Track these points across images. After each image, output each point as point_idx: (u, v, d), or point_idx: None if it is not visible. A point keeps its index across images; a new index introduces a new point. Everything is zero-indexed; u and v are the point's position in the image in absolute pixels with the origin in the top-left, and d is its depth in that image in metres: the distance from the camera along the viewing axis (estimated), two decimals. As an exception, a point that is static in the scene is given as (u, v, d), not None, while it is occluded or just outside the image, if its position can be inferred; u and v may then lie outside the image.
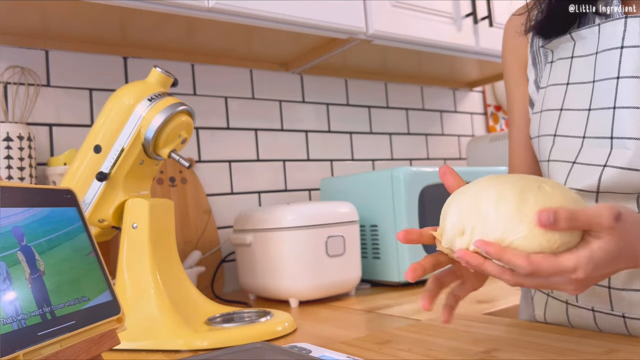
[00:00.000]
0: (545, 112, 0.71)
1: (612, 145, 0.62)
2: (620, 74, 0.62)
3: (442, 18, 1.35)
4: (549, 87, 0.71)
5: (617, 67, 0.63)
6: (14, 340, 0.40)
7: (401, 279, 1.16)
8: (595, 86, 0.65)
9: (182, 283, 0.88)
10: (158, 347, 0.76)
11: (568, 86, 0.68)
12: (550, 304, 0.74)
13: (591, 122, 0.64)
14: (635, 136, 0.60)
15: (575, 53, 0.68)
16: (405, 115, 1.73)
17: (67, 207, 0.53)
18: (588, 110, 0.65)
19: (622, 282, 0.64)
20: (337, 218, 1.07)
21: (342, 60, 1.44)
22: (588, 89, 0.66)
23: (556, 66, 0.71)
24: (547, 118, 0.70)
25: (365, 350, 0.66)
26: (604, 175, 0.62)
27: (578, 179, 0.65)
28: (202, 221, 1.28)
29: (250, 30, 1.16)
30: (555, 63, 0.71)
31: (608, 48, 0.64)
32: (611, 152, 0.62)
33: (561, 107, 0.69)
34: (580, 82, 0.67)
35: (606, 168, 0.62)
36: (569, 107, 0.67)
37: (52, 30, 1.10)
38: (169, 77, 0.85)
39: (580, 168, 0.65)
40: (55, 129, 1.15)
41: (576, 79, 0.67)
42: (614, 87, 0.62)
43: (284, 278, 1.03)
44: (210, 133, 1.34)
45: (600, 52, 0.65)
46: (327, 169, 1.54)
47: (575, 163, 0.66)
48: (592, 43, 0.66)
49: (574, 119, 0.66)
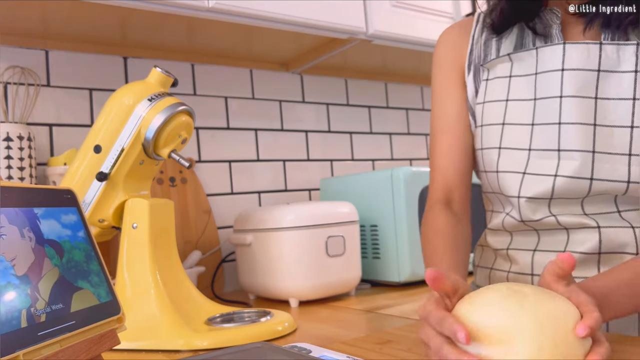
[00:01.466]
0: (486, 127, 0.76)
1: (559, 157, 0.69)
2: (563, 94, 0.69)
3: (442, 18, 1.35)
4: (487, 103, 0.77)
5: (559, 87, 0.69)
6: (14, 340, 0.40)
7: (401, 279, 1.16)
8: (537, 103, 0.72)
9: (182, 283, 0.88)
10: (158, 347, 0.76)
11: (508, 102, 0.74)
12: None
13: (536, 136, 0.71)
14: (580, 148, 0.68)
15: (513, 72, 0.75)
16: (405, 115, 1.73)
17: (67, 207, 0.53)
18: (532, 125, 0.72)
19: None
20: (337, 218, 1.07)
21: (342, 60, 1.44)
22: (529, 106, 0.72)
23: (493, 84, 0.76)
24: (489, 132, 0.76)
25: (365, 350, 0.66)
26: (556, 183, 0.69)
27: (530, 188, 0.71)
28: (202, 221, 1.28)
29: (250, 30, 1.16)
30: (491, 81, 0.77)
31: (548, 70, 0.71)
32: (559, 162, 0.69)
33: (503, 122, 0.74)
34: (521, 99, 0.73)
35: (557, 177, 0.69)
36: (512, 122, 0.73)
37: (52, 30, 1.10)
38: (169, 77, 0.85)
39: (531, 178, 0.72)
40: (55, 129, 1.15)
41: (516, 96, 0.74)
42: (558, 105, 0.69)
43: (284, 278, 1.03)
44: (210, 133, 1.34)
45: (540, 73, 0.72)
46: (327, 169, 1.54)
47: (525, 173, 0.72)
48: (530, 65, 0.73)
49: (518, 133, 0.73)
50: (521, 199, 0.73)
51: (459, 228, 0.76)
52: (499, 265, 0.81)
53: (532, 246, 0.76)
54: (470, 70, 0.80)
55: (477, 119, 0.78)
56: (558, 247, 0.73)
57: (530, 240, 0.76)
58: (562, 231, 0.72)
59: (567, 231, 0.72)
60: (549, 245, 0.74)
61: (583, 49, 0.69)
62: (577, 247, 0.71)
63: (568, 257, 0.51)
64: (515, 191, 0.73)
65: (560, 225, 0.72)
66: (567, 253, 0.51)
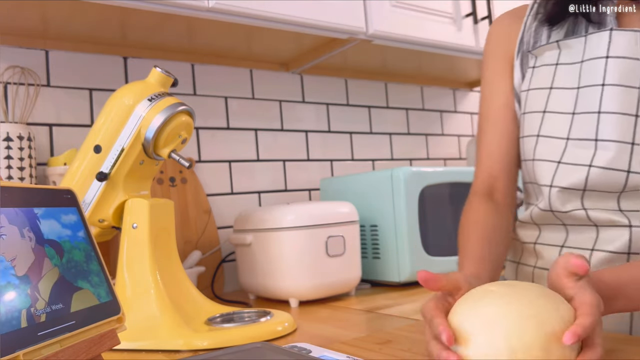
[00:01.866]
0: (528, 114, 0.75)
1: (596, 147, 0.67)
2: (605, 82, 0.67)
3: (442, 18, 1.35)
4: (530, 91, 0.76)
5: (602, 75, 0.68)
6: (14, 340, 0.40)
7: (401, 279, 1.16)
8: (579, 92, 0.70)
9: (182, 283, 0.88)
10: (158, 347, 0.76)
11: (551, 90, 0.73)
12: None
13: (575, 125, 0.70)
14: (618, 139, 0.66)
15: (560, 60, 0.73)
16: (405, 115, 1.73)
17: (67, 207, 0.53)
18: (572, 114, 0.70)
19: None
20: (337, 218, 1.07)
21: (342, 60, 1.44)
22: (572, 95, 0.71)
23: (539, 72, 0.75)
24: (530, 120, 0.75)
25: (365, 350, 0.66)
26: (590, 174, 0.68)
27: (564, 178, 0.70)
28: (202, 221, 1.28)
29: (250, 30, 1.16)
30: (538, 69, 0.75)
31: (593, 57, 0.69)
32: (595, 152, 0.67)
33: (544, 110, 0.73)
34: (565, 87, 0.72)
35: (592, 168, 0.67)
36: (553, 110, 0.72)
37: (52, 30, 1.10)
38: (169, 77, 0.85)
39: (565, 167, 0.70)
40: (55, 129, 1.15)
41: (560, 84, 0.72)
42: (599, 94, 0.67)
43: (284, 278, 1.03)
44: (210, 133, 1.34)
45: (585, 61, 0.70)
46: (327, 169, 1.54)
47: (560, 163, 0.70)
48: (577, 52, 0.71)
49: (557, 121, 0.71)
50: (553, 189, 0.71)
51: (496, 219, 0.75)
52: (525, 259, 0.80)
53: (559, 242, 0.74)
54: (518, 56, 0.79)
55: (522, 106, 0.77)
56: (586, 245, 0.71)
57: (559, 236, 0.75)
58: (591, 228, 0.71)
59: (597, 228, 0.70)
60: (578, 242, 0.72)
61: (630, 36, 0.66)
62: (606, 245, 0.69)
63: (581, 264, 0.50)
64: (548, 180, 0.72)
65: (590, 221, 0.70)
66: (581, 259, 0.50)
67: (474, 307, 0.49)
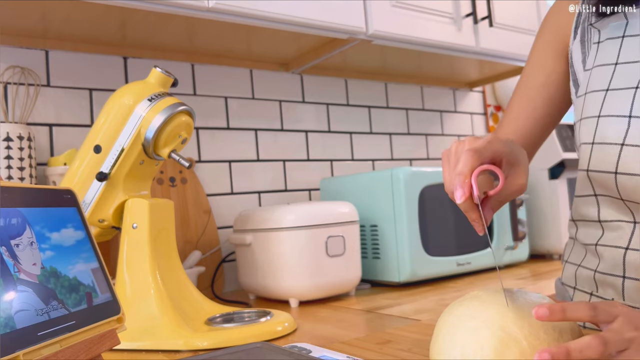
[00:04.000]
0: (589, 94, 0.68)
1: None
2: None
3: (442, 18, 1.35)
4: (595, 69, 0.68)
5: None
6: (14, 340, 0.40)
7: (401, 279, 1.16)
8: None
9: (182, 283, 0.88)
10: (158, 347, 0.76)
11: (616, 66, 0.65)
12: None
13: (638, 101, 0.61)
14: None
15: (627, 32, 0.65)
16: (405, 115, 1.73)
17: (67, 207, 0.53)
18: (635, 89, 0.62)
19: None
20: (337, 218, 1.07)
21: (342, 60, 1.44)
22: (637, 68, 0.62)
23: (604, 46, 0.67)
24: (591, 99, 0.67)
25: (365, 350, 0.66)
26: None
27: (630, 164, 0.61)
28: (202, 221, 1.28)
29: (250, 30, 1.16)
30: (603, 43, 0.68)
31: None
32: None
33: (607, 88, 0.65)
34: (630, 61, 0.64)
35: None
36: (616, 87, 0.64)
37: (52, 30, 1.10)
38: (169, 77, 0.85)
39: (632, 150, 0.61)
40: (55, 129, 1.15)
41: (625, 58, 0.64)
42: None
43: (284, 278, 1.03)
44: (210, 133, 1.34)
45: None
46: (327, 169, 1.54)
47: (624, 145, 0.62)
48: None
49: (620, 98, 0.63)
50: (619, 176, 0.63)
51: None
52: (587, 262, 0.73)
53: (624, 243, 0.66)
54: (576, 34, 0.73)
55: (582, 86, 0.71)
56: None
57: (623, 235, 0.66)
58: None
59: None
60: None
61: None
62: None
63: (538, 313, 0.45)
64: (613, 166, 0.63)
65: None
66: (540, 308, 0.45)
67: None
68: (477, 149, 0.53)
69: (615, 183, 0.63)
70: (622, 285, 0.65)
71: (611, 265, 0.67)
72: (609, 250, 0.67)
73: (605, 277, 0.68)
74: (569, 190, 1.45)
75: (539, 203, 1.48)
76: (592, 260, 0.71)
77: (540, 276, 1.21)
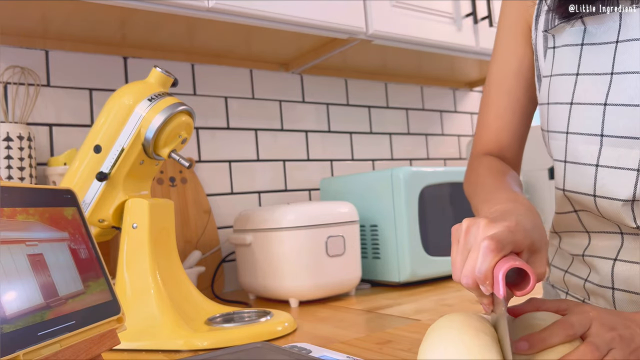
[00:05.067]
0: (552, 106, 0.64)
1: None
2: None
3: (442, 18, 1.35)
4: (554, 77, 0.64)
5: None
6: (14, 340, 0.40)
7: (401, 279, 1.16)
8: (613, 79, 0.57)
9: (182, 283, 0.88)
10: (158, 347, 0.76)
11: (578, 77, 0.61)
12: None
13: (608, 119, 0.57)
14: None
15: (585, 40, 0.61)
16: (405, 115, 1.73)
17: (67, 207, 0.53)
18: (604, 105, 0.58)
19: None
20: (337, 218, 1.07)
21: (342, 60, 1.44)
22: (604, 81, 0.58)
23: (561, 53, 0.63)
24: (555, 112, 0.63)
25: (365, 350, 0.66)
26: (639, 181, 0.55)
27: (607, 187, 0.57)
28: (202, 221, 1.28)
29: (250, 30, 1.16)
30: (559, 49, 0.64)
31: (635, 38, 0.56)
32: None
33: (571, 101, 0.61)
34: (592, 73, 0.59)
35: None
36: (581, 102, 0.60)
37: (52, 30, 1.10)
38: (169, 77, 0.85)
39: (607, 172, 0.57)
40: (55, 129, 1.15)
41: (588, 69, 0.60)
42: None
43: (284, 278, 1.03)
44: (210, 133, 1.34)
45: (622, 42, 0.57)
46: (327, 169, 1.54)
47: (598, 166, 0.58)
48: (611, 30, 0.58)
49: (587, 115, 0.59)
50: (598, 199, 0.59)
51: (510, 168, 0.69)
52: (575, 270, 0.70)
53: (612, 254, 0.63)
54: (538, 24, 0.68)
55: (542, 93, 0.66)
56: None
57: (612, 245, 0.63)
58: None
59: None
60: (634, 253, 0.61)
61: None
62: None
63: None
64: (589, 188, 0.59)
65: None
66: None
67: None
68: (501, 241, 0.45)
69: (595, 205, 0.60)
70: (612, 296, 0.63)
71: (600, 277, 0.65)
72: (596, 261, 0.65)
73: (595, 287, 0.66)
74: (569, 190, 1.45)
75: (539, 203, 1.47)
76: (581, 269, 0.69)
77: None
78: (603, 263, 0.64)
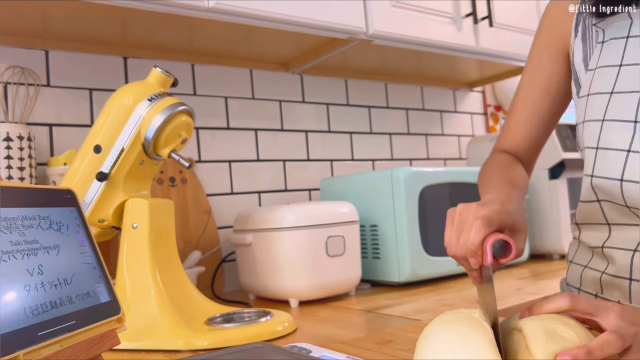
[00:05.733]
0: (592, 96, 0.67)
1: None
2: None
3: (442, 18, 1.35)
4: (598, 69, 0.67)
5: None
6: (14, 340, 0.40)
7: (401, 279, 1.16)
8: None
9: (182, 283, 0.88)
10: (158, 347, 0.76)
11: (621, 68, 0.64)
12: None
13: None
14: None
15: (632, 32, 0.64)
16: (405, 115, 1.73)
17: (67, 207, 0.53)
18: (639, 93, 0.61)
19: None
20: (337, 218, 1.07)
21: (342, 60, 1.44)
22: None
23: (608, 46, 0.66)
24: (594, 102, 0.66)
25: (365, 350, 0.66)
26: None
27: (636, 171, 0.60)
28: (202, 221, 1.28)
29: (250, 30, 1.16)
30: (607, 43, 0.66)
31: None
32: None
33: (612, 91, 0.64)
34: (634, 63, 0.62)
35: None
36: (621, 90, 0.63)
37: (52, 30, 1.10)
38: (169, 77, 0.85)
39: (638, 157, 0.60)
40: (55, 129, 1.15)
41: (631, 60, 0.63)
42: None
43: (284, 278, 1.03)
44: (210, 133, 1.34)
45: None
46: (327, 169, 1.54)
47: (630, 151, 0.61)
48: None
49: (625, 103, 0.62)
50: (624, 183, 0.61)
51: (519, 165, 0.77)
52: (594, 264, 0.72)
53: (633, 245, 0.65)
54: (577, 32, 0.71)
55: (584, 87, 0.69)
56: None
57: (630, 238, 0.65)
58: None
59: None
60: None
61: None
62: None
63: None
64: (618, 173, 0.62)
65: None
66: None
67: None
68: (489, 219, 0.56)
69: (620, 190, 0.62)
70: (629, 287, 0.64)
71: (617, 268, 0.66)
72: (616, 252, 0.66)
73: (612, 279, 0.67)
74: (569, 190, 1.45)
75: (539, 203, 1.47)
76: (600, 263, 0.70)
77: (541, 276, 1.21)
78: (622, 254, 0.65)
